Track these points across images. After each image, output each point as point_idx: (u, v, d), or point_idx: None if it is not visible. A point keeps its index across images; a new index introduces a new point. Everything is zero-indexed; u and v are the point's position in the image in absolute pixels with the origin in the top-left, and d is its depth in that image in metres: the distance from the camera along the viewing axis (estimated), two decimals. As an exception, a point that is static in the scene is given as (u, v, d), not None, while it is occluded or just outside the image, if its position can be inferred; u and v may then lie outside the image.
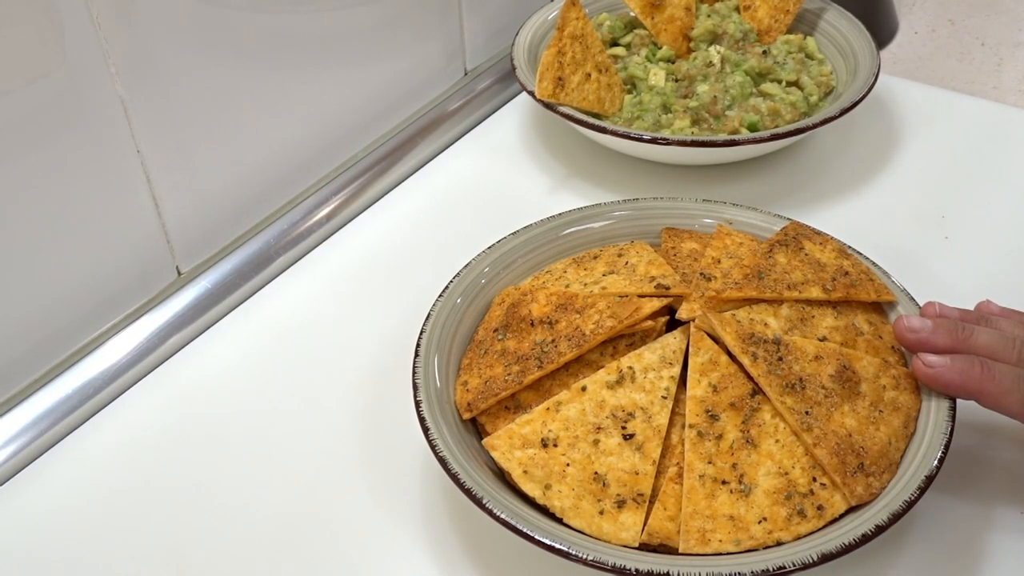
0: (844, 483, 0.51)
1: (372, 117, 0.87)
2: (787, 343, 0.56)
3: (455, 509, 0.59)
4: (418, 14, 0.87)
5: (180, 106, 0.70)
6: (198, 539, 0.59)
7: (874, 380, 0.56)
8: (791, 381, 0.54)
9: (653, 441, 0.53)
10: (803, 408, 0.53)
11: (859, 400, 0.55)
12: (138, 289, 0.72)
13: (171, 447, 0.65)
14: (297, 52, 0.78)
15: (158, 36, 0.67)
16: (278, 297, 0.76)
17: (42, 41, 0.60)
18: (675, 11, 0.89)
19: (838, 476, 0.52)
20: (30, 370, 0.67)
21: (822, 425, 0.53)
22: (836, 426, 0.53)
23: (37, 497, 0.62)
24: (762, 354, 0.55)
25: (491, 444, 0.55)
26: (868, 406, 0.55)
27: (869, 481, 0.52)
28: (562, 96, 0.81)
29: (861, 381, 0.55)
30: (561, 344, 0.57)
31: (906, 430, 0.55)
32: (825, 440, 0.52)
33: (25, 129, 0.61)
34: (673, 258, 0.64)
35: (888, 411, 0.55)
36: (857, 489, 0.52)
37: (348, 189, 0.83)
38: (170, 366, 0.71)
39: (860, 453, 0.52)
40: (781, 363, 0.55)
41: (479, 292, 0.65)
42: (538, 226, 0.68)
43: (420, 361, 0.59)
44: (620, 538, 0.52)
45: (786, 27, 0.92)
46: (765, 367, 0.54)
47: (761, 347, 0.55)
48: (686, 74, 0.85)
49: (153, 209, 0.71)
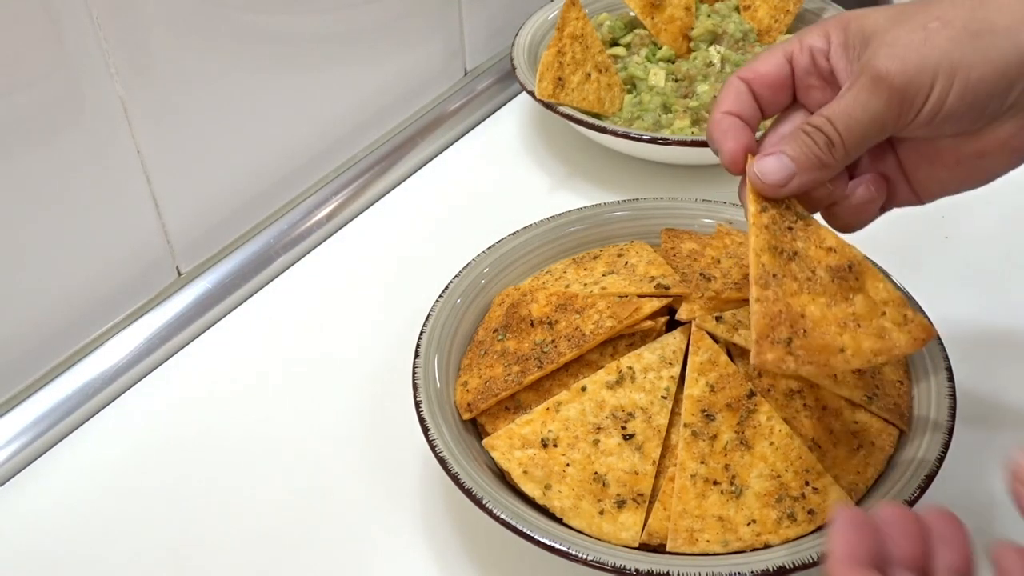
0: (757, 342, 0.45)
1: (372, 117, 0.87)
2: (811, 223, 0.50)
3: (455, 509, 0.59)
4: (418, 14, 0.87)
5: (180, 106, 0.70)
6: (198, 539, 0.59)
7: (879, 303, 0.49)
8: (784, 247, 0.48)
9: (653, 441, 0.53)
10: (773, 271, 0.47)
11: (842, 304, 0.48)
12: (138, 289, 0.72)
13: (171, 447, 0.65)
14: (297, 52, 0.78)
15: (158, 36, 0.67)
16: (278, 297, 0.76)
17: (42, 41, 0.60)
18: (675, 11, 0.89)
19: (755, 333, 0.46)
20: (30, 370, 0.67)
21: (780, 291, 0.47)
22: (794, 302, 0.47)
23: (37, 497, 0.62)
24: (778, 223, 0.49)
25: (491, 444, 0.55)
26: (848, 313, 0.48)
27: (785, 358, 0.45)
28: (562, 96, 0.81)
29: (860, 292, 0.49)
30: (561, 344, 0.57)
31: (876, 359, 0.48)
32: (771, 302, 0.46)
33: (25, 129, 0.61)
34: (673, 258, 0.64)
35: (869, 331, 0.48)
36: (766, 355, 0.45)
37: (348, 189, 0.83)
38: (170, 366, 0.71)
39: (799, 334, 0.46)
40: (790, 232, 0.49)
41: (479, 292, 0.65)
42: (538, 226, 0.68)
43: (420, 361, 0.59)
44: (620, 538, 0.52)
45: (786, 27, 0.92)
46: (772, 232, 0.48)
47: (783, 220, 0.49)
48: (686, 74, 0.85)
49: (153, 209, 0.71)
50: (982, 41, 0.45)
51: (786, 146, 0.47)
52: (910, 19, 0.46)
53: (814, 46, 0.49)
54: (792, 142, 0.47)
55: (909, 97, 0.46)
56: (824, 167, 0.47)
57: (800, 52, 0.49)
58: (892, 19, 0.47)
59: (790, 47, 0.50)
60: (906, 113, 0.46)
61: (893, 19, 0.47)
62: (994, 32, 0.45)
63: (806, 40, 0.50)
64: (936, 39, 0.45)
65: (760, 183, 0.48)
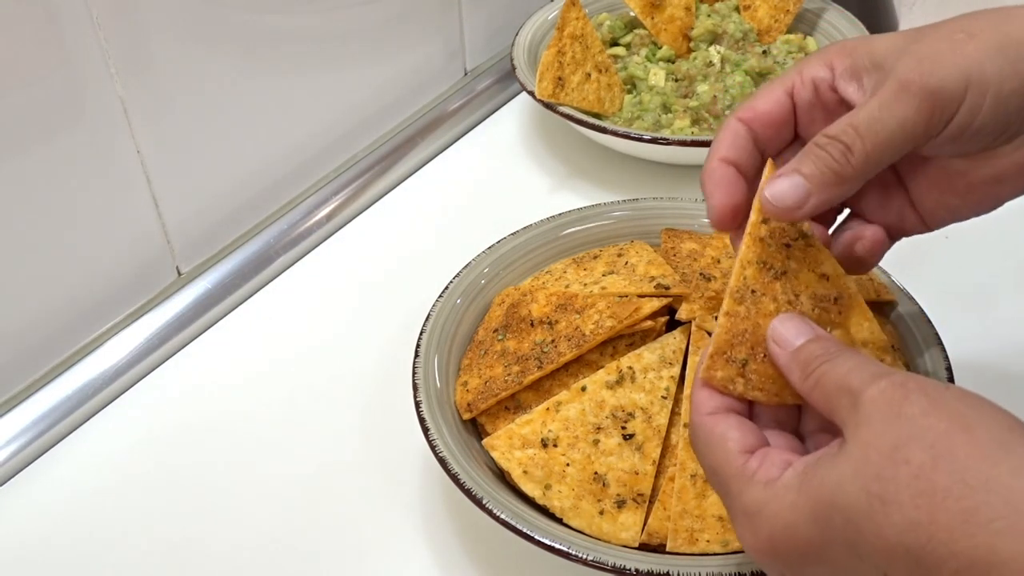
0: (711, 356, 0.44)
1: (372, 117, 0.87)
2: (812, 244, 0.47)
3: (455, 509, 0.59)
4: (418, 14, 0.87)
5: (180, 106, 0.70)
6: (198, 539, 0.59)
7: (857, 342, 0.47)
8: (773, 264, 0.46)
9: (653, 441, 0.53)
10: (753, 286, 0.45)
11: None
12: (138, 289, 0.72)
13: (171, 447, 0.65)
14: (297, 52, 0.78)
15: (158, 37, 0.67)
16: (278, 297, 0.76)
17: (42, 41, 0.60)
18: (675, 11, 0.89)
19: (712, 347, 0.44)
20: (30, 370, 0.67)
21: (753, 309, 0.45)
22: (764, 324, 0.44)
23: (37, 497, 0.62)
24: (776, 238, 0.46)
25: (491, 444, 0.55)
26: None
27: (735, 379, 0.44)
28: (562, 96, 0.81)
29: (839, 327, 0.47)
30: (561, 344, 0.57)
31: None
32: (740, 319, 0.44)
33: (25, 129, 0.61)
34: (673, 258, 0.64)
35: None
36: (716, 372, 0.44)
37: (348, 189, 0.83)
38: (170, 366, 0.71)
39: (756, 358, 0.44)
40: (786, 250, 0.46)
41: (479, 292, 0.65)
42: (538, 226, 0.68)
43: (420, 361, 0.59)
44: (620, 538, 0.52)
45: (786, 27, 0.92)
46: (766, 245, 0.46)
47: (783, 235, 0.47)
48: (686, 74, 0.85)
49: (153, 209, 0.71)
50: (1011, 54, 0.43)
51: (799, 164, 0.44)
52: (932, 33, 0.44)
53: (817, 76, 0.46)
54: (805, 158, 0.44)
55: (941, 103, 0.42)
56: (842, 182, 0.43)
57: (802, 85, 0.47)
58: (910, 39, 0.44)
59: (790, 81, 0.47)
60: (937, 121, 0.43)
61: (912, 38, 0.44)
62: (1020, 44, 0.43)
63: (807, 72, 0.47)
64: (965, 48, 0.43)
65: (774, 208, 0.44)
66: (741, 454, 0.40)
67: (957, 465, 0.34)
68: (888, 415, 0.36)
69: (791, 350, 0.42)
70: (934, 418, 0.36)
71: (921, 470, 0.35)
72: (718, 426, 0.42)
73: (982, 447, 0.34)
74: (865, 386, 0.38)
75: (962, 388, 0.37)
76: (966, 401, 0.36)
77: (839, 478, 0.36)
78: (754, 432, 0.42)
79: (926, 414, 0.36)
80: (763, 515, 0.39)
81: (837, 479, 0.36)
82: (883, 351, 0.47)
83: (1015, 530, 0.32)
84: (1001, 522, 0.33)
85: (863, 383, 0.38)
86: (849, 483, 0.36)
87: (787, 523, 0.38)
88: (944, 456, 0.34)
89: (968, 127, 0.43)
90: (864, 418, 0.37)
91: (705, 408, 0.43)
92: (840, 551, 0.37)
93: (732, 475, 0.40)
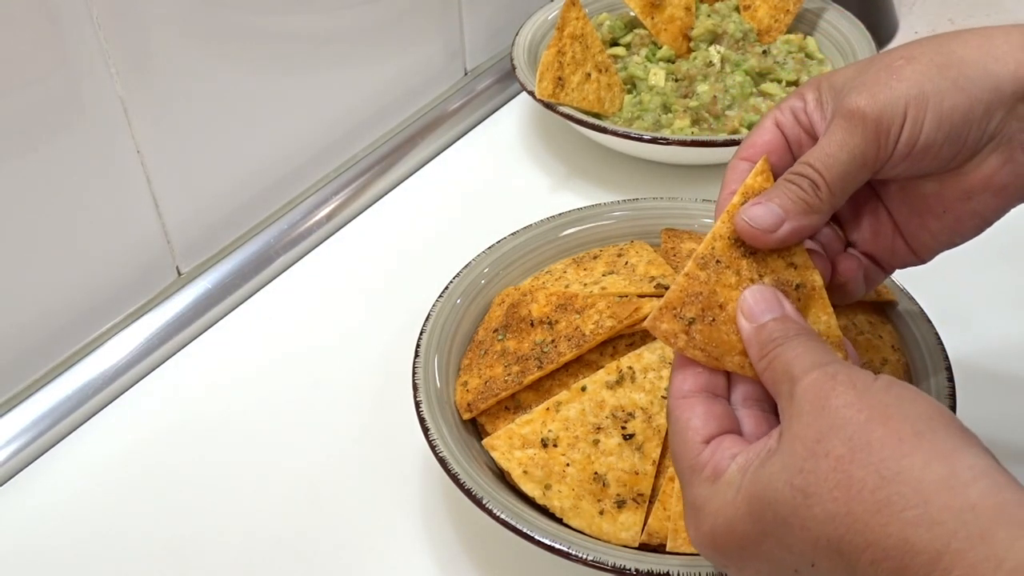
0: (660, 308, 0.44)
1: (372, 117, 0.87)
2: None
3: (455, 509, 0.59)
4: (418, 14, 0.87)
5: (180, 106, 0.70)
6: (198, 539, 0.59)
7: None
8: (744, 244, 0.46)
9: (653, 441, 0.53)
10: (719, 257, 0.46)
11: None
12: (138, 289, 0.72)
13: (171, 447, 0.65)
14: (297, 52, 0.78)
15: (158, 36, 0.67)
16: (278, 297, 0.76)
17: (42, 41, 0.60)
18: (675, 11, 0.89)
19: (664, 300, 0.45)
20: (30, 370, 0.67)
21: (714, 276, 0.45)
22: (721, 293, 0.45)
23: (37, 497, 0.62)
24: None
25: (491, 444, 0.55)
26: None
27: (679, 334, 0.44)
28: (562, 96, 0.81)
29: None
30: (561, 344, 0.57)
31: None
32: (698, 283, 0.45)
33: (25, 129, 0.61)
34: (673, 258, 0.64)
35: None
36: (662, 324, 0.44)
37: (348, 189, 0.83)
38: (170, 366, 0.71)
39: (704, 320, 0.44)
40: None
41: (479, 292, 0.65)
42: (538, 226, 0.68)
43: (420, 361, 0.59)
44: (620, 538, 0.52)
45: (786, 27, 0.92)
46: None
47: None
48: (686, 74, 0.85)
49: (153, 209, 0.71)
50: (951, 71, 0.45)
51: (771, 195, 0.46)
52: (875, 63, 0.47)
53: (794, 106, 0.49)
54: (776, 191, 0.46)
55: (884, 127, 0.45)
56: (813, 211, 0.46)
57: (783, 116, 0.49)
58: (859, 69, 0.47)
59: (775, 113, 0.50)
60: (884, 145, 0.45)
61: (860, 69, 0.47)
62: (963, 63, 0.45)
63: (786, 103, 0.50)
64: (903, 72, 0.45)
65: (749, 228, 0.46)
66: (698, 444, 0.42)
67: (873, 457, 0.35)
68: (815, 407, 0.38)
69: (755, 325, 0.44)
70: (855, 410, 0.37)
71: (839, 463, 0.36)
72: (684, 412, 0.43)
73: (898, 438, 0.36)
74: (802, 375, 0.39)
75: (891, 378, 0.38)
76: (892, 392, 0.37)
77: (771, 474, 0.38)
78: (718, 418, 0.42)
79: (849, 406, 0.37)
80: (705, 511, 0.40)
81: (769, 475, 0.38)
82: (837, 347, 0.47)
83: (926, 519, 0.33)
84: (912, 512, 0.34)
85: (802, 372, 0.40)
86: (778, 478, 0.37)
87: (727, 519, 0.39)
88: (861, 448, 0.36)
89: (915, 143, 0.45)
90: (796, 410, 0.39)
91: (679, 391, 0.44)
92: (773, 545, 0.38)
93: (686, 466, 0.42)
